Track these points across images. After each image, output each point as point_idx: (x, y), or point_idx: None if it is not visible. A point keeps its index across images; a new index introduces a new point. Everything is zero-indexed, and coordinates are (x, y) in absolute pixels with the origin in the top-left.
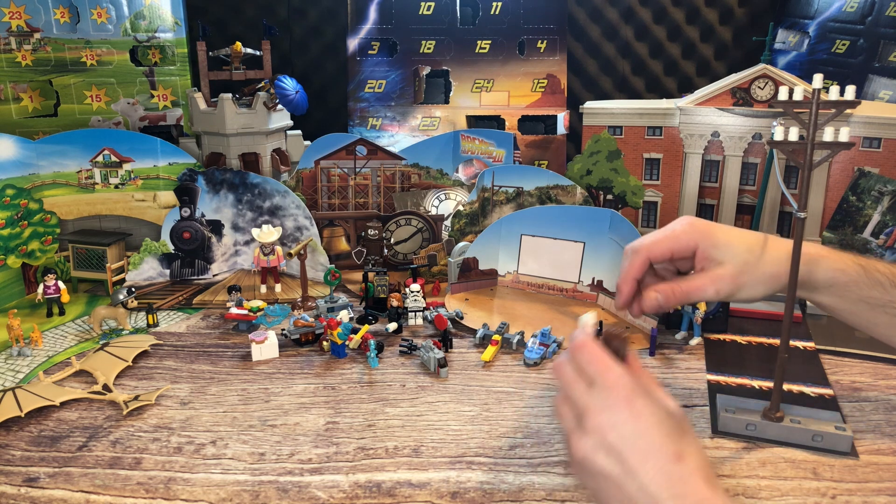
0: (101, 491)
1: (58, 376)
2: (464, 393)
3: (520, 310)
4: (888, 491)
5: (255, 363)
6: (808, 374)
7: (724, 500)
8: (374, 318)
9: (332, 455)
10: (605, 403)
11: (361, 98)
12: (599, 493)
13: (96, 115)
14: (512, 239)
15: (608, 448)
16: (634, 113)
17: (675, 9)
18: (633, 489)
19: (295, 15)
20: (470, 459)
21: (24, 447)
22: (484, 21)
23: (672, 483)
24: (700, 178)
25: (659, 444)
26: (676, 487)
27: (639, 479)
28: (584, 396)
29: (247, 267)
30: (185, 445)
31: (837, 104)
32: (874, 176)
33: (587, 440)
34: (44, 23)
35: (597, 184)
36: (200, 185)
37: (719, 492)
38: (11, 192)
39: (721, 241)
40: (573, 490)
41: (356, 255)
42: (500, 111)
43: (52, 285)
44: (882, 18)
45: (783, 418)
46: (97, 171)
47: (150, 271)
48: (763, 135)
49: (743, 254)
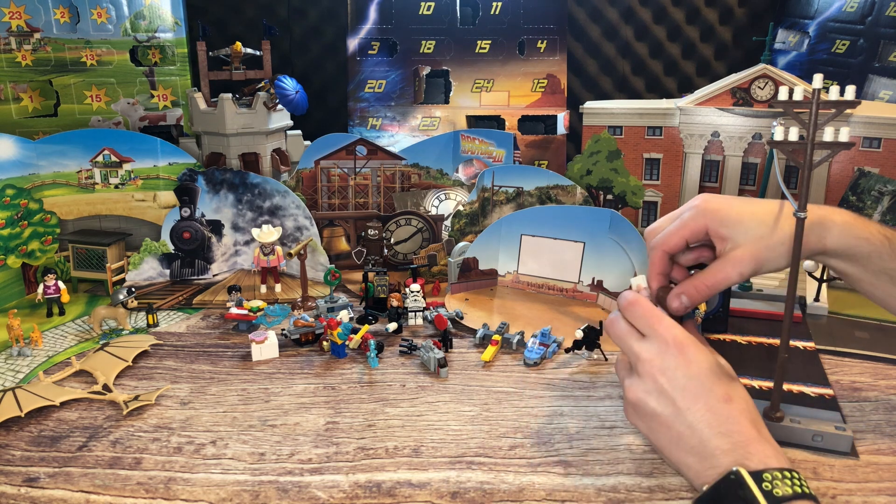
0: (101, 491)
1: (58, 376)
2: (464, 393)
3: (520, 310)
4: (888, 491)
5: (255, 363)
6: (808, 374)
7: (767, 439)
8: (374, 318)
9: (332, 455)
10: (658, 350)
11: (361, 98)
12: (651, 433)
13: (96, 115)
14: (512, 239)
15: (660, 391)
16: (634, 113)
17: (675, 9)
18: (682, 428)
19: (295, 15)
20: (470, 459)
21: (24, 447)
22: (484, 21)
23: (720, 421)
24: (700, 178)
25: (709, 387)
26: (724, 425)
27: (688, 419)
28: (636, 346)
29: (247, 267)
30: (185, 445)
31: (837, 104)
32: (874, 176)
33: (640, 384)
34: (44, 23)
35: (597, 184)
36: (200, 185)
37: (764, 432)
38: (11, 192)
39: (732, 220)
40: (573, 490)
41: (356, 255)
42: (500, 111)
43: (52, 285)
44: (882, 18)
45: (783, 418)
46: (97, 171)
47: (150, 271)
48: (763, 135)
49: (755, 229)
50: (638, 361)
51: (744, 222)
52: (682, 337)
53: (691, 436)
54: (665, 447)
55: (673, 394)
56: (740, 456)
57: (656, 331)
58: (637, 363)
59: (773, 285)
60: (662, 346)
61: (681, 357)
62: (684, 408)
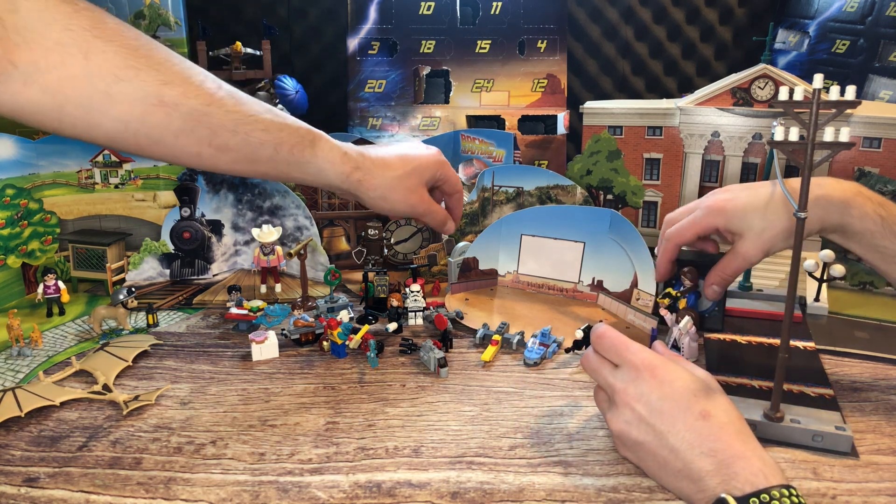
0: (101, 491)
1: (58, 376)
2: (464, 393)
3: (520, 310)
4: (888, 491)
5: (255, 363)
6: (808, 374)
7: (754, 452)
8: (374, 318)
9: (332, 455)
10: (630, 377)
11: (361, 98)
12: (641, 463)
13: None
14: (512, 239)
15: (639, 419)
16: (634, 113)
17: (675, 9)
18: (665, 453)
19: (295, 15)
20: (470, 459)
21: (24, 447)
22: (484, 21)
23: (701, 440)
24: (700, 178)
25: (685, 405)
26: (705, 444)
27: (670, 443)
28: (610, 377)
29: (247, 267)
30: (185, 445)
31: (838, 104)
32: (874, 176)
33: (620, 415)
34: None
35: (597, 184)
36: (200, 185)
37: (751, 444)
38: (11, 192)
39: (735, 214)
40: (573, 490)
41: (356, 255)
42: (500, 111)
43: (52, 285)
44: (882, 18)
45: (783, 418)
46: (97, 171)
47: (150, 271)
48: (763, 135)
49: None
50: (614, 393)
51: (747, 213)
52: (651, 359)
53: (675, 459)
54: (656, 475)
55: (651, 419)
56: (725, 476)
57: (625, 357)
58: (613, 394)
59: (773, 285)
60: (633, 373)
61: (653, 380)
62: (665, 431)
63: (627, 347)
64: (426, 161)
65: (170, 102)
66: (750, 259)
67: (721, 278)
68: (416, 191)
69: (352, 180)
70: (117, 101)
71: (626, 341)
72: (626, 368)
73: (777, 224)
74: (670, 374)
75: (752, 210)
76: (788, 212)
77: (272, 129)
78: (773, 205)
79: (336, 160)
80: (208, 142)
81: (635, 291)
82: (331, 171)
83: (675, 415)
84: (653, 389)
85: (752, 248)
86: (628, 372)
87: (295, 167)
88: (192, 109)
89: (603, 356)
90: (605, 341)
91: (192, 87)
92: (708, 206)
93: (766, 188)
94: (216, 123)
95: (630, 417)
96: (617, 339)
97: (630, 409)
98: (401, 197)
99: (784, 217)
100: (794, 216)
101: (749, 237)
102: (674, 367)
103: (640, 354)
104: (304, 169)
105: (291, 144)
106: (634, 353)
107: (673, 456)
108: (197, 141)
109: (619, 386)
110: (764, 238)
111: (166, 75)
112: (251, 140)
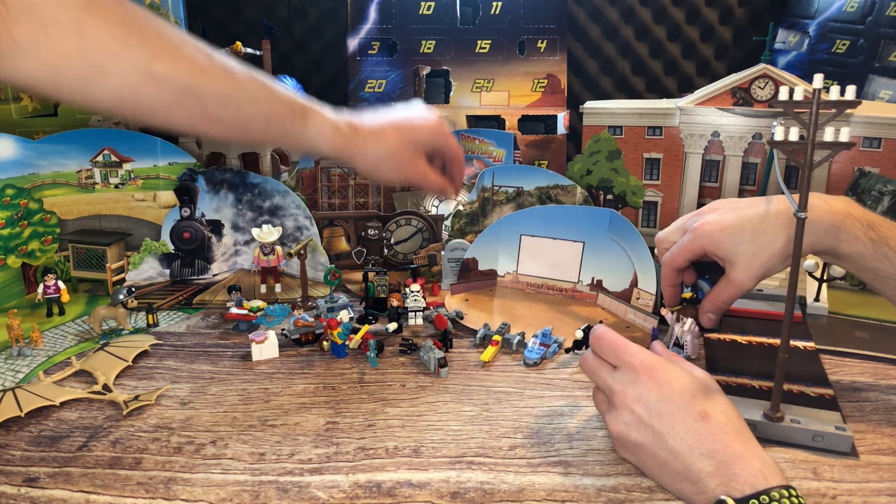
0: (101, 491)
1: (58, 376)
2: (464, 393)
3: (520, 310)
4: (888, 491)
5: (255, 363)
6: (808, 374)
7: (754, 453)
8: (374, 318)
9: (332, 455)
10: (628, 379)
11: (361, 98)
12: (641, 464)
13: (96, 115)
14: (511, 239)
15: (638, 420)
16: (634, 113)
17: (675, 9)
18: (665, 454)
19: (295, 15)
20: (470, 459)
21: (24, 447)
22: (484, 21)
23: (700, 441)
24: (700, 178)
25: (684, 406)
26: (704, 445)
27: (669, 444)
28: (608, 379)
29: (247, 267)
30: (185, 445)
31: (838, 104)
32: (874, 176)
33: (619, 417)
34: None
35: (597, 184)
36: (200, 185)
37: (750, 445)
38: (11, 192)
39: (723, 240)
40: (573, 490)
41: (356, 255)
42: (500, 111)
43: (52, 285)
44: (882, 18)
45: (783, 418)
46: (97, 171)
47: (150, 271)
48: (763, 135)
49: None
50: (612, 394)
51: (735, 243)
52: (649, 360)
53: (675, 461)
54: (656, 476)
55: (650, 421)
56: (724, 478)
57: (623, 359)
58: (612, 396)
59: (774, 285)
60: (632, 374)
61: (651, 381)
62: (664, 432)
63: (626, 349)
64: (423, 130)
65: (160, 77)
66: (743, 287)
67: (716, 306)
68: (409, 161)
69: (343, 153)
70: (110, 76)
71: (625, 342)
72: (625, 370)
73: (769, 248)
74: (669, 374)
75: (739, 234)
76: (783, 232)
77: (263, 102)
78: (766, 227)
79: (328, 134)
80: (200, 114)
81: (635, 291)
82: (322, 143)
83: (673, 416)
84: (651, 391)
85: (745, 275)
86: (627, 373)
87: (287, 138)
88: (181, 83)
89: (601, 358)
90: (604, 343)
91: (182, 61)
92: (695, 229)
93: (756, 208)
94: (206, 97)
95: (629, 419)
96: (615, 341)
97: (629, 410)
98: (393, 168)
99: (779, 238)
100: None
101: (740, 263)
102: (672, 367)
103: (638, 356)
104: (296, 140)
105: (282, 117)
106: (633, 354)
107: (672, 457)
108: (189, 114)
109: (617, 387)
110: (756, 264)
111: (157, 50)
112: (242, 113)
